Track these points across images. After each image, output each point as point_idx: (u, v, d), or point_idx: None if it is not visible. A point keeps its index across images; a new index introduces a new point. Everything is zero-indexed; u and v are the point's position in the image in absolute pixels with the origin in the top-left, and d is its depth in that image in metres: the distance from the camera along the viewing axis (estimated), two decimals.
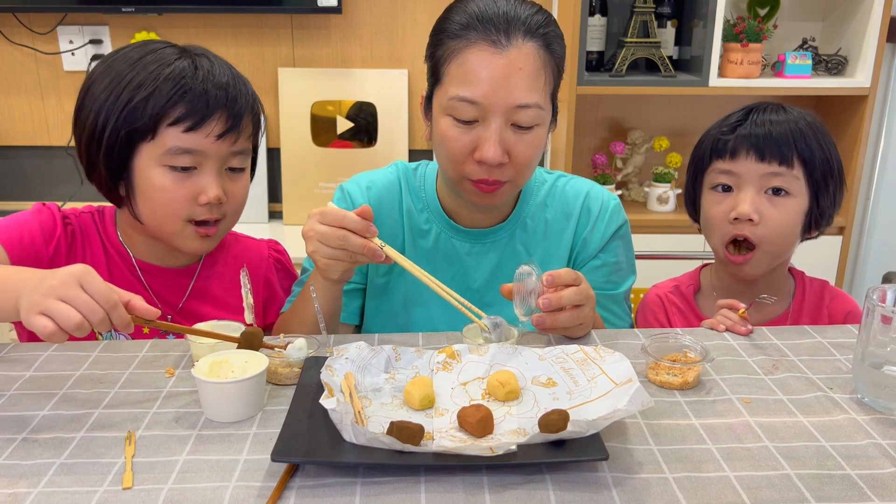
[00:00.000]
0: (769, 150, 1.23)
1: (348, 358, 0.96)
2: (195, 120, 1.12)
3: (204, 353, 0.99)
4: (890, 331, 0.93)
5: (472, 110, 1.12)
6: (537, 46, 1.13)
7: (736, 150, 1.26)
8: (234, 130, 1.16)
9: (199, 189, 1.15)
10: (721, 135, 1.28)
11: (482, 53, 1.11)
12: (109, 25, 2.67)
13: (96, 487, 0.78)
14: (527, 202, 1.32)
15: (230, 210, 1.21)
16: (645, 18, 2.57)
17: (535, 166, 1.22)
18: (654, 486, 0.78)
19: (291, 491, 0.77)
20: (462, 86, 1.12)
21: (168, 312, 1.25)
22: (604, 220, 1.32)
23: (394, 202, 1.32)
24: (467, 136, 1.14)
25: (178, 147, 1.13)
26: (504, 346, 1.01)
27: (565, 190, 1.34)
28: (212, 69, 1.16)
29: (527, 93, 1.12)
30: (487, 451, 0.79)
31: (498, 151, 1.12)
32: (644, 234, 2.66)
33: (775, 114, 1.27)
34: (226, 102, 1.14)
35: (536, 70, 1.13)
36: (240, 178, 1.21)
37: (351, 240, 1.06)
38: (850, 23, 2.63)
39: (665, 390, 0.99)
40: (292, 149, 2.76)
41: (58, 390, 0.98)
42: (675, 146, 2.86)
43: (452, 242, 1.31)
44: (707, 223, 1.32)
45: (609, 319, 1.31)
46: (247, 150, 1.21)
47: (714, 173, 1.29)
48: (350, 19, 2.68)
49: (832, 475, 0.81)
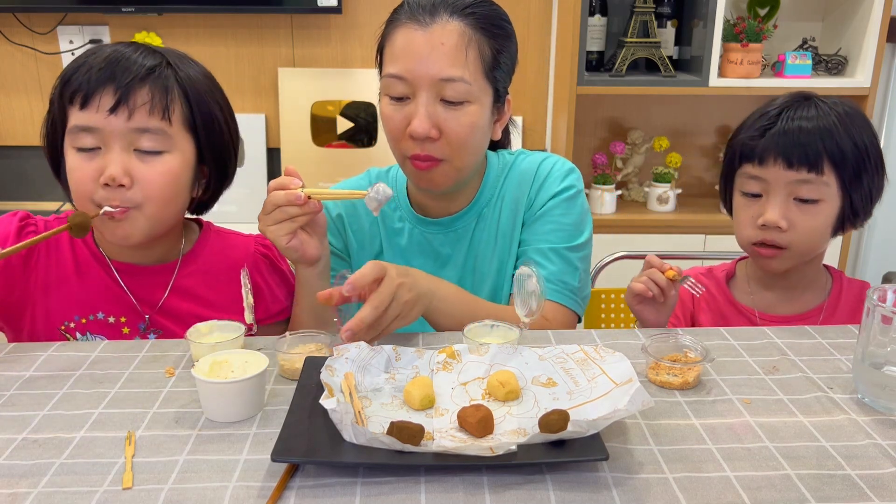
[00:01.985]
0: (797, 156, 1.21)
1: (348, 358, 0.96)
2: (83, 94, 1.11)
3: (204, 353, 0.99)
4: (890, 331, 0.93)
5: (401, 86, 1.19)
6: (463, 25, 1.18)
7: (764, 156, 1.24)
8: (123, 105, 1.11)
9: (101, 170, 1.13)
10: (750, 139, 1.26)
11: (407, 31, 1.19)
12: (109, 25, 2.67)
13: (96, 487, 0.78)
14: (487, 185, 1.34)
15: (145, 196, 1.14)
16: (645, 18, 2.57)
17: (475, 148, 1.24)
18: (654, 486, 0.78)
19: (291, 491, 0.77)
20: (391, 63, 1.20)
21: (147, 311, 1.23)
22: (549, 181, 1.32)
23: (366, 208, 1.31)
24: (401, 112, 1.20)
25: (77, 126, 1.13)
26: (504, 346, 1.01)
27: (522, 165, 1.36)
28: (132, 54, 1.15)
29: (448, 67, 1.16)
30: (487, 451, 0.79)
31: (424, 124, 1.17)
32: (644, 234, 2.66)
33: (806, 110, 1.24)
34: (111, 76, 1.11)
35: (459, 46, 1.17)
36: (155, 163, 1.14)
37: (275, 196, 1.12)
38: (850, 23, 2.63)
39: (665, 390, 0.99)
40: (292, 149, 2.76)
41: (58, 390, 0.98)
42: (675, 146, 2.87)
43: (425, 236, 1.35)
44: (736, 223, 1.32)
45: (548, 268, 1.27)
46: (158, 130, 1.14)
47: (743, 177, 1.28)
48: (350, 19, 2.68)
49: (832, 475, 0.81)
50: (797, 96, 1.28)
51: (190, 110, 1.17)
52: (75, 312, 1.21)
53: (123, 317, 1.22)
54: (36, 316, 1.21)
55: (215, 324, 1.06)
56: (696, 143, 2.93)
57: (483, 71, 1.20)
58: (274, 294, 1.33)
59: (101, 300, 1.21)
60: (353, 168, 2.79)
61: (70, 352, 1.09)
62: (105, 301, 1.21)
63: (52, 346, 1.11)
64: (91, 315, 1.21)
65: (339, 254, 1.38)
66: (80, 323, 1.21)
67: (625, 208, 2.80)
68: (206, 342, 1.03)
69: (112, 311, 1.22)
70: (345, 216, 1.39)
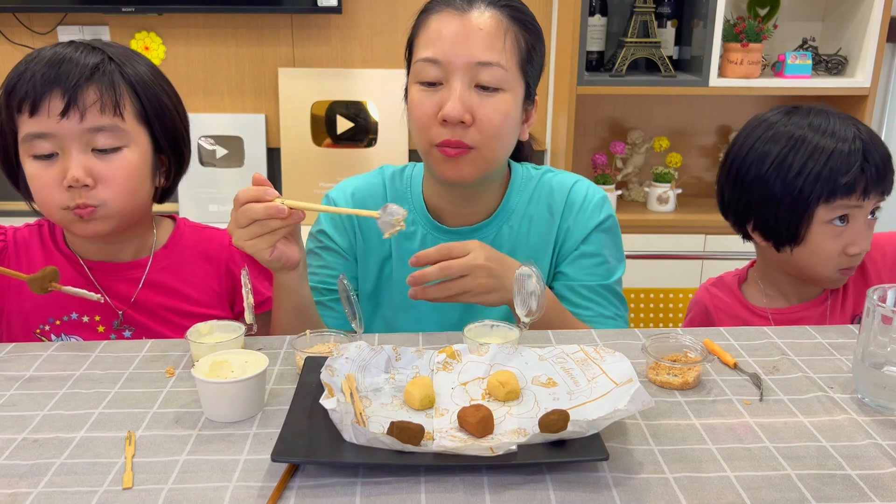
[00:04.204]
0: (885, 185, 1.26)
1: (349, 358, 0.96)
2: (31, 102, 1.11)
3: (204, 353, 0.99)
4: (890, 331, 0.93)
5: (435, 70, 1.16)
6: (500, 14, 1.17)
7: (867, 191, 1.24)
8: (74, 107, 1.11)
9: (63, 174, 1.13)
10: (852, 175, 1.23)
11: (443, 17, 1.17)
12: (109, 25, 2.67)
13: (96, 487, 0.78)
14: (511, 197, 1.31)
15: (108, 194, 1.15)
16: (645, 18, 2.57)
17: (505, 139, 1.21)
18: (654, 486, 0.78)
19: (291, 491, 0.77)
20: (425, 48, 1.18)
21: (121, 307, 1.24)
22: (586, 212, 1.30)
23: (378, 206, 1.29)
24: (432, 98, 1.17)
25: (30, 133, 1.13)
26: (504, 346, 1.01)
27: (551, 184, 1.33)
28: (73, 54, 1.14)
29: (486, 50, 1.15)
30: (488, 451, 0.79)
31: (458, 107, 1.14)
32: (644, 234, 2.66)
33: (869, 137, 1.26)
34: (56, 80, 1.11)
35: (497, 32, 1.16)
36: (114, 159, 1.15)
37: (253, 209, 1.05)
38: (850, 23, 2.63)
39: (665, 390, 0.99)
40: (292, 149, 2.76)
41: (58, 390, 0.98)
42: (675, 146, 2.87)
43: (438, 242, 1.28)
44: (819, 256, 1.27)
45: (592, 309, 1.29)
46: (112, 127, 1.14)
47: (838, 209, 1.25)
48: (350, 19, 2.68)
49: (832, 475, 0.81)
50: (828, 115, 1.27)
51: (140, 103, 1.18)
52: (49, 314, 1.22)
53: (97, 315, 1.23)
54: (11, 320, 1.23)
55: (215, 324, 1.06)
56: (696, 143, 2.93)
57: (518, 62, 1.19)
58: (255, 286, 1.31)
59: (74, 300, 1.20)
60: (352, 168, 2.79)
61: (70, 352, 1.09)
62: (78, 301, 1.20)
63: (52, 345, 1.11)
64: (65, 316, 1.22)
65: (341, 253, 1.33)
66: (55, 325, 1.22)
67: (625, 208, 2.80)
68: (206, 342, 1.03)
69: (85, 310, 1.22)
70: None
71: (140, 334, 1.25)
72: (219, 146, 2.77)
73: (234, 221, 1.07)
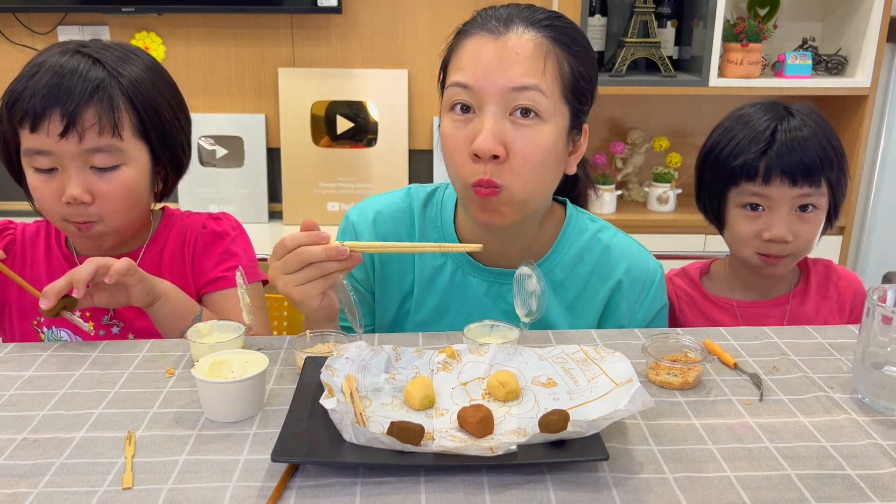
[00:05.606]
0: (801, 174, 1.26)
1: (349, 358, 0.96)
2: (31, 120, 1.12)
3: (204, 353, 0.99)
4: (890, 331, 0.93)
5: (465, 95, 1.07)
6: (541, 36, 1.07)
7: (769, 177, 1.27)
8: (73, 129, 1.12)
9: (62, 189, 1.15)
10: (751, 160, 1.27)
11: (477, 40, 1.08)
12: (109, 25, 2.67)
13: (96, 487, 0.78)
14: (560, 250, 1.22)
15: (105, 210, 1.17)
16: (645, 18, 2.57)
17: (542, 176, 1.10)
18: (654, 486, 0.78)
19: (291, 491, 0.77)
20: (456, 72, 1.09)
21: None
22: (656, 293, 1.24)
23: (403, 236, 1.23)
24: (464, 130, 1.08)
25: (30, 148, 1.14)
26: (504, 346, 1.01)
27: (607, 249, 1.23)
28: (76, 68, 1.14)
29: (522, 75, 1.05)
30: (487, 451, 0.79)
31: (490, 139, 1.04)
32: (644, 234, 2.66)
33: (800, 131, 1.27)
34: (56, 100, 1.11)
35: (536, 55, 1.06)
36: (112, 178, 1.17)
37: (310, 252, 0.99)
38: (850, 23, 2.63)
39: (665, 390, 0.99)
40: (292, 149, 2.76)
41: (58, 390, 0.98)
42: (675, 146, 2.87)
43: (469, 280, 1.21)
44: (736, 238, 1.34)
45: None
46: (110, 148, 1.15)
47: (745, 194, 1.30)
48: (350, 19, 2.68)
49: (832, 475, 0.81)
50: (774, 109, 1.32)
51: (139, 119, 1.18)
52: None
53: (87, 311, 1.24)
54: (13, 313, 1.29)
55: (215, 324, 1.06)
56: (696, 143, 2.92)
57: (560, 89, 1.08)
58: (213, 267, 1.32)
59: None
60: (352, 168, 2.79)
61: (70, 352, 1.09)
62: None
63: (52, 345, 1.11)
64: None
65: (358, 287, 1.25)
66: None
67: (625, 208, 2.80)
68: (206, 342, 1.03)
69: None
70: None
71: (127, 330, 1.27)
72: (219, 146, 2.77)
73: (281, 267, 1.01)
